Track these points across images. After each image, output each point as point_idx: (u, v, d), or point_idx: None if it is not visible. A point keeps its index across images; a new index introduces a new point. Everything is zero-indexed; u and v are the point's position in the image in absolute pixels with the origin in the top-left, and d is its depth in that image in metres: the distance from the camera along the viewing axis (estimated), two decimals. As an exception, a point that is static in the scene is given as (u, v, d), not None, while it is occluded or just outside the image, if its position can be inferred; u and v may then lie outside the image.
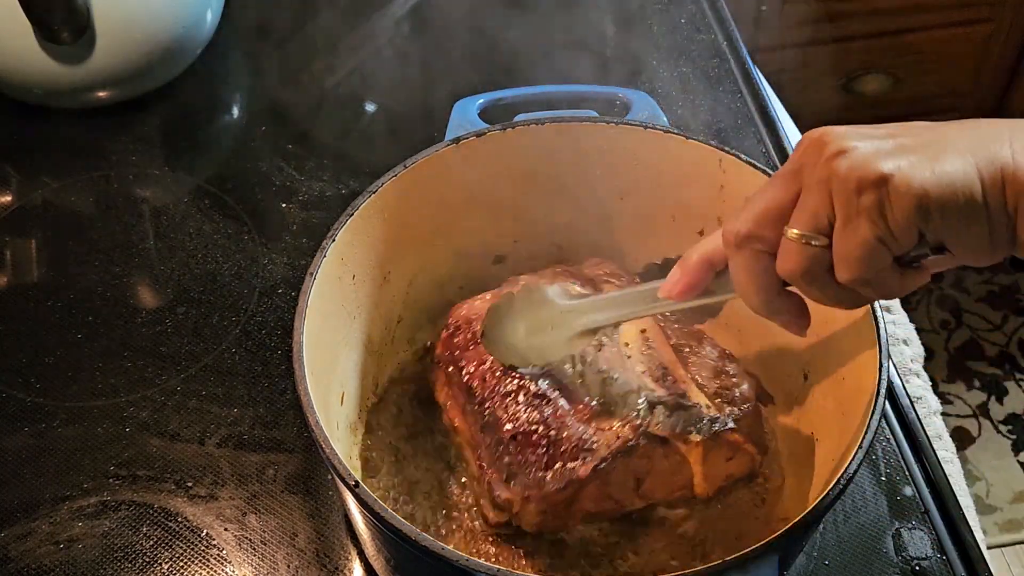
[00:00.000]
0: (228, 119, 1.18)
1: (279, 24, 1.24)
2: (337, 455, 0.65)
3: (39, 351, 0.94)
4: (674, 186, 0.85)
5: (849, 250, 0.55)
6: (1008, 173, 0.53)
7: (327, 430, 0.66)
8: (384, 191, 0.79)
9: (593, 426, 0.72)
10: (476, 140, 0.83)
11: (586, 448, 0.71)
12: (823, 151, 0.56)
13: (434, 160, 0.82)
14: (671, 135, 0.83)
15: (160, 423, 0.89)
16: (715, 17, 1.24)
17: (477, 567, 0.60)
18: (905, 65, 1.85)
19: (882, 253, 0.55)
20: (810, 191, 0.56)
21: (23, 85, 1.07)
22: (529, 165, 0.85)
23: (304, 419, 0.66)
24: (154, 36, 1.07)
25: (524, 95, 0.92)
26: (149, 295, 1.00)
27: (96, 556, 0.81)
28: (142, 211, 1.06)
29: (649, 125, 0.84)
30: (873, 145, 0.55)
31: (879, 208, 0.54)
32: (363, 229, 0.79)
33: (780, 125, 1.12)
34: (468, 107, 0.89)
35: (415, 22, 1.24)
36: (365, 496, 0.63)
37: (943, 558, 0.81)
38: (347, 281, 0.78)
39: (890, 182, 0.53)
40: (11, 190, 1.09)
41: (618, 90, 0.93)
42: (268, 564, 0.81)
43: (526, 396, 0.74)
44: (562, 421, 0.72)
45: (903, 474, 0.85)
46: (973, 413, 2.00)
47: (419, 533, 0.61)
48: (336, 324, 0.78)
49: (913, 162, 0.54)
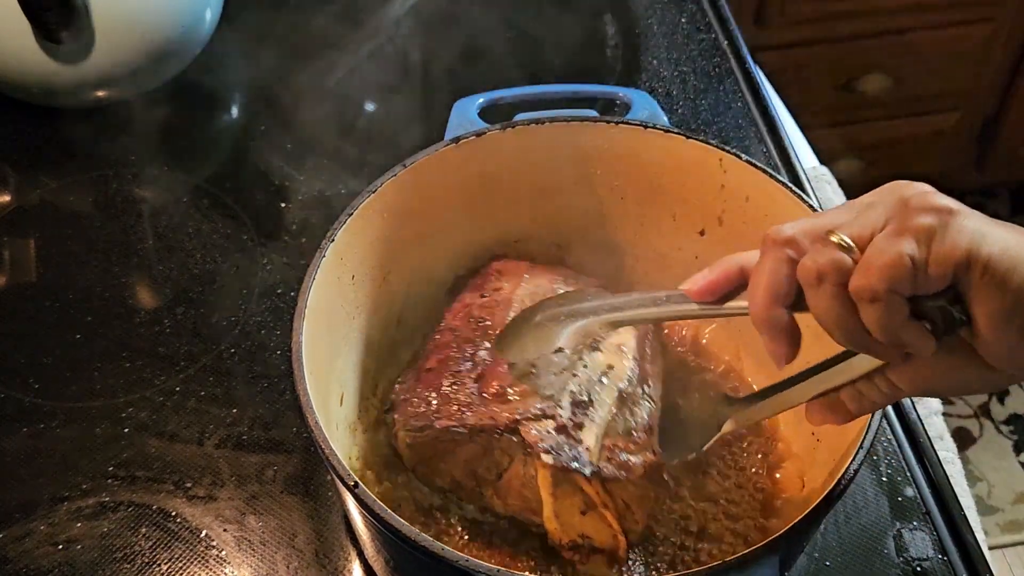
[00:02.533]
0: (227, 119, 1.18)
1: (278, 24, 1.24)
2: (336, 455, 0.64)
3: (37, 351, 0.94)
4: (675, 185, 0.85)
5: (876, 259, 0.53)
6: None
7: (326, 431, 0.66)
8: (383, 191, 0.79)
9: (488, 401, 0.74)
10: (476, 140, 0.82)
11: (462, 413, 0.74)
12: (903, 189, 0.55)
13: (433, 160, 0.81)
14: (671, 134, 0.83)
15: (159, 424, 0.89)
16: (715, 17, 1.24)
17: (476, 567, 0.60)
18: (905, 65, 1.85)
19: (906, 275, 0.53)
20: (869, 210, 0.55)
21: (22, 85, 1.07)
22: (528, 165, 0.85)
23: (303, 419, 0.66)
24: (153, 36, 1.07)
25: (524, 95, 0.92)
26: (148, 295, 1.00)
27: (95, 557, 0.81)
28: (141, 211, 1.06)
29: (649, 124, 0.84)
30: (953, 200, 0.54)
31: (929, 232, 0.53)
32: (362, 229, 0.78)
33: (781, 125, 1.11)
34: (468, 107, 0.89)
35: (415, 21, 1.24)
36: (364, 496, 0.62)
37: (944, 559, 0.81)
38: (346, 281, 0.78)
39: (953, 216, 0.53)
40: (10, 190, 1.08)
41: (618, 90, 0.93)
42: (267, 565, 0.81)
43: (462, 347, 0.78)
44: (467, 381, 0.75)
45: (904, 475, 0.85)
46: (974, 413, 2.00)
47: (418, 533, 0.61)
48: (335, 324, 0.78)
49: (986, 221, 0.53)
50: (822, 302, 0.56)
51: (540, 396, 0.74)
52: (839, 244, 0.55)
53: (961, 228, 0.52)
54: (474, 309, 0.81)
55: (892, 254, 0.53)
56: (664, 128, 0.84)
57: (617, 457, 0.72)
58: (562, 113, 0.85)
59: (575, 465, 0.71)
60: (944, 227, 0.53)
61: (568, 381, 0.75)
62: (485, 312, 0.81)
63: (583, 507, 0.72)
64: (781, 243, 0.57)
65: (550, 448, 0.71)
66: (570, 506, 0.72)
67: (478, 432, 0.73)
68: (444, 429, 0.74)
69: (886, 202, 0.55)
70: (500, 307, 0.81)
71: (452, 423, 0.74)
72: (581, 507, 0.72)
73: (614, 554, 0.74)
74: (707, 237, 0.85)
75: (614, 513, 0.72)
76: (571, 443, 0.71)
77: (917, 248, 0.53)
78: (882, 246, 0.53)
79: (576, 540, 0.73)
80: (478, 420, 0.73)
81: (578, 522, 0.73)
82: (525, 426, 0.72)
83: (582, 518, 0.73)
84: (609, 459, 0.72)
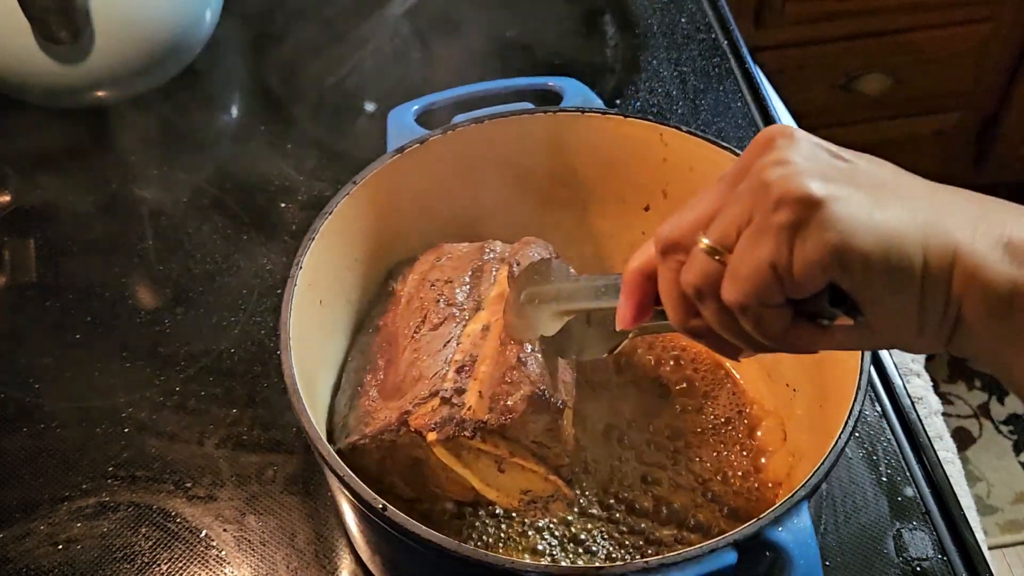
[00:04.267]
0: (227, 119, 1.18)
1: (278, 24, 1.24)
2: (332, 452, 0.65)
3: (38, 351, 0.94)
4: (618, 165, 0.86)
5: (739, 268, 0.48)
6: (962, 257, 0.45)
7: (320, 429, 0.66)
8: (340, 211, 0.78)
9: (385, 402, 0.74)
10: (419, 147, 0.82)
11: (366, 421, 0.73)
12: (766, 155, 0.48)
13: (382, 172, 0.81)
14: (610, 116, 0.84)
15: (159, 424, 0.89)
16: (715, 17, 1.24)
17: (489, 558, 0.61)
18: (905, 65, 1.85)
19: (772, 285, 0.47)
20: (736, 199, 0.49)
21: (22, 85, 1.07)
22: (473, 164, 0.85)
23: (317, 453, 0.66)
24: (153, 36, 1.07)
25: (457, 96, 0.90)
26: (148, 295, 1.00)
27: (95, 557, 0.81)
28: (141, 211, 1.06)
29: (587, 109, 0.84)
30: (819, 163, 0.47)
31: (790, 232, 0.46)
32: (325, 251, 0.77)
33: (780, 125, 1.11)
34: (404, 115, 0.88)
35: (415, 21, 1.24)
36: (395, 516, 0.62)
37: (944, 559, 0.81)
38: (316, 306, 0.77)
39: (815, 208, 0.45)
40: (10, 190, 1.08)
41: (548, 79, 0.93)
42: (267, 565, 0.81)
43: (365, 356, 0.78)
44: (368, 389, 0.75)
45: (904, 475, 0.85)
46: (974, 413, 2.00)
47: (408, 519, 0.61)
48: (315, 350, 0.77)
49: (853, 198, 0.46)
50: (710, 316, 0.51)
51: (426, 378, 0.73)
52: (707, 250, 0.49)
53: (824, 224, 0.45)
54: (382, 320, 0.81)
55: (752, 264, 0.47)
56: (602, 110, 0.85)
57: (499, 403, 0.70)
58: (499, 108, 0.85)
59: (456, 431, 0.69)
60: (806, 225, 0.45)
61: (452, 351, 0.74)
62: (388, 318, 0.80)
63: (497, 465, 0.72)
64: (665, 250, 0.53)
65: (434, 425, 0.70)
66: (486, 468, 0.72)
67: (379, 437, 0.72)
68: (351, 445, 0.73)
69: (748, 185, 0.48)
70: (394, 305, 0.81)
71: (356, 437, 0.73)
72: (496, 466, 0.72)
73: (560, 495, 0.73)
74: (652, 212, 0.87)
75: (531, 457, 0.71)
76: (454, 410, 0.70)
77: (779, 251, 0.46)
78: (745, 250, 0.48)
79: (523, 498, 0.73)
80: (375, 425, 0.72)
81: (507, 481, 0.72)
82: (413, 413, 0.71)
83: (505, 476, 0.72)
84: (491, 408, 0.70)
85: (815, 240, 0.45)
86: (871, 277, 0.46)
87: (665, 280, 0.53)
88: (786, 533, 0.61)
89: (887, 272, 0.45)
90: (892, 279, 0.46)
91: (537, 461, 0.72)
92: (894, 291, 0.46)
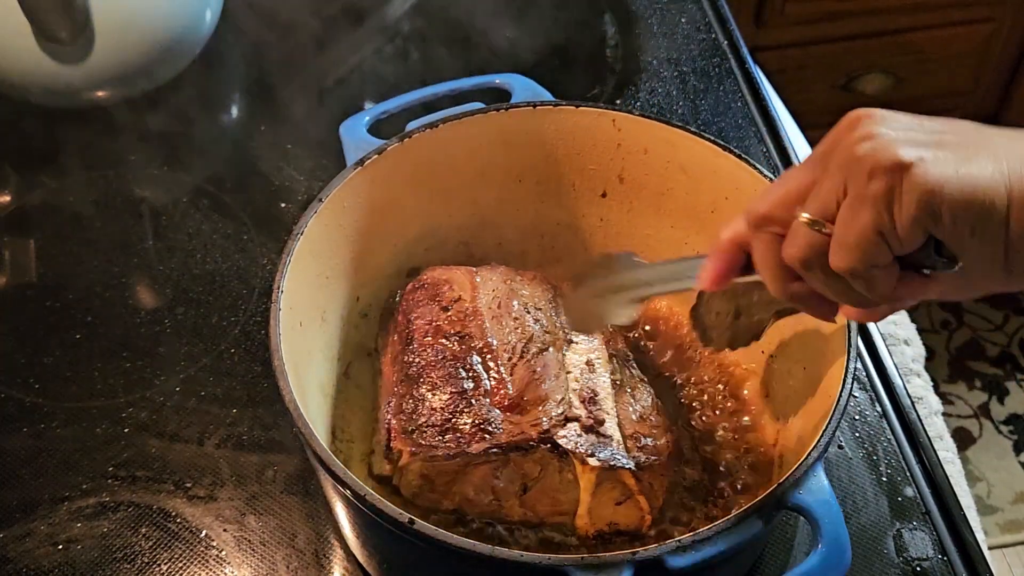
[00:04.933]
0: (227, 119, 1.18)
1: (278, 24, 1.24)
2: (327, 451, 0.65)
3: (38, 351, 0.94)
4: (571, 155, 0.86)
5: (846, 236, 0.53)
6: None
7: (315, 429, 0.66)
8: (310, 231, 0.77)
9: (505, 415, 0.73)
10: (378, 158, 0.82)
11: (489, 430, 0.72)
12: (853, 133, 0.53)
13: (346, 187, 0.80)
14: (561, 107, 0.84)
15: (159, 424, 0.89)
16: (715, 17, 1.24)
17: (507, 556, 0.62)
18: (905, 65, 1.85)
19: (880, 247, 0.52)
20: (829, 174, 0.54)
21: (22, 85, 1.07)
22: (431, 169, 0.85)
23: (332, 475, 0.66)
24: (153, 36, 1.07)
25: (407, 102, 0.90)
26: (148, 295, 1.00)
27: (95, 557, 0.81)
28: (141, 211, 1.06)
29: (538, 103, 0.85)
30: (905, 133, 0.52)
31: (887, 197, 0.51)
32: (300, 272, 0.77)
33: (780, 125, 1.11)
34: (356, 126, 0.86)
35: (415, 21, 1.24)
36: (424, 528, 0.62)
37: (944, 559, 0.81)
38: (297, 329, 0.76)
39: (906, 172, 0.50)
40: (10, 190, 1.08)
41: (494, 77, 0.92)
42: (267, 565, 0.81)
43: (455, 365, 0.75)
44: (478, 398, 0.74)
45: (904, 475, 0.85)
46: (974, 413, 2.00)
47: (389, 505, 0.62)
48: (300, 373, 0.76)
49: (939, 157, 0.50)
50: (819, 284, 0.56)
51: (552, 400, 0.74)
52: (809, 223, 0.54)
53: (915, 185, 0.50)
54: (443, 325, 0.79)
55: (858, 232, 0.52)
56: (553, 102, 0.85)
57: (643, 443, 0.74)
58: (452, 111, 0.85)
59: (622, 462, 0.71)
60: (899, 188, 0.50)
61: (567, 381, 0.75)
62: (457, 325, 0.78)
63: (620, 498, 0.73)
64: (760, 223, 0.58)
65: (591, 451, 0.71)
66: (607, 500, 0.73)
67: (512, 449, 0.72)
68: (480, 452, 0.72)
69: (841, 161, 0.53)
70: (471, 318, 0.79)
71: (487, 445, 0.72)
72: (618, 499, 0.73)
73: (638, 531, 0.75)
74: (609, 197, 0.88)
75: (645, 497, 0.74)
76: (603, 440, 0.72)
77: (880, 216, 0.51)
78: (847, 220, 0.52)
79: (603, 529, 0.74)
80: (510, 436, 0.72)
81: (609, 511, 0.74)
82: (556, 433, 0.72)
83: (615, 508, 0.74)
84: (638, 447, 0.73)
85: (909, 199, 0.50)
86: (961, 225, 0.50)
87: (760, 252, 0.58)
88: (807, 495, 0.64)
89: (974, 218, 0.50)
90: (979, 225, 0.50)
91: (646, 499, 0.74)
92: (982, 235, 0.50)
